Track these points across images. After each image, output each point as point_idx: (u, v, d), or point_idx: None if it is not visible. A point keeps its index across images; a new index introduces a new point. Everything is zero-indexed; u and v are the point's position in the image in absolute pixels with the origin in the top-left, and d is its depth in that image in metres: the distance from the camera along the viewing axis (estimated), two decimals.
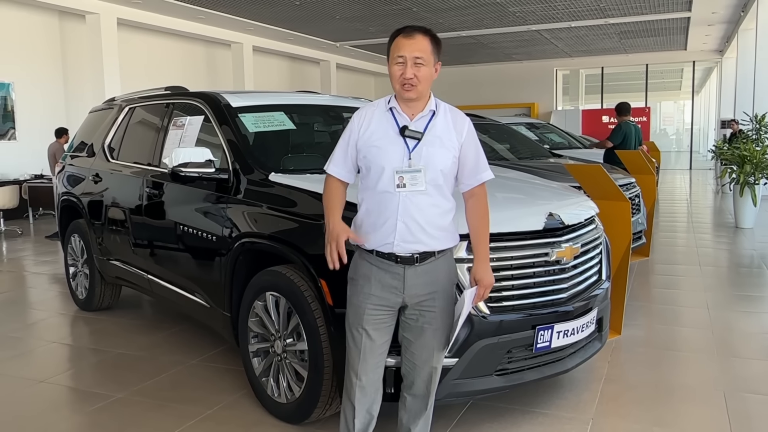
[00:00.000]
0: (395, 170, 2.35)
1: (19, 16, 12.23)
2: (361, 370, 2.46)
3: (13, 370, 4.10)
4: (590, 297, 3.24)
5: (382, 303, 2.41)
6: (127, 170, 4.72)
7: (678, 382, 3.70)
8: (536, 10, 13.99)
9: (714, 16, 14.84)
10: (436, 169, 2.38)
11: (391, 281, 2.39)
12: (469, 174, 2.48)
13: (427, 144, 2.39)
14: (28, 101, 12.52)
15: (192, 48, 16.06)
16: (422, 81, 2.37)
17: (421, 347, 2.47)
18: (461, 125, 2.49)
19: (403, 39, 2.37)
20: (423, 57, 2.36)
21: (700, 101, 30.55)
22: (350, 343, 2.48)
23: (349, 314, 2.49)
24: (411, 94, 2.37)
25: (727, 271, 6.50)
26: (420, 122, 2.42)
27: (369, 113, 2.47)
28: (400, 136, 2.39)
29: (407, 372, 2.54)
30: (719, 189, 14.19)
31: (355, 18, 14.20)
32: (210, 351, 4.29)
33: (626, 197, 4.54)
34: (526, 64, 22.11)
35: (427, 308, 2.43)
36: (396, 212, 2.35)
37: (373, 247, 2.40)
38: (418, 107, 2.43)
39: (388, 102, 2.46)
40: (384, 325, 2.44)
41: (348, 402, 2.53)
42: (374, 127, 2.42)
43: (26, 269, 7.56)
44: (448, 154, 2.42)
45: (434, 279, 2.43)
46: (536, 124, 11.75)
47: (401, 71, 2.36)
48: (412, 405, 2.58)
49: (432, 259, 2.41)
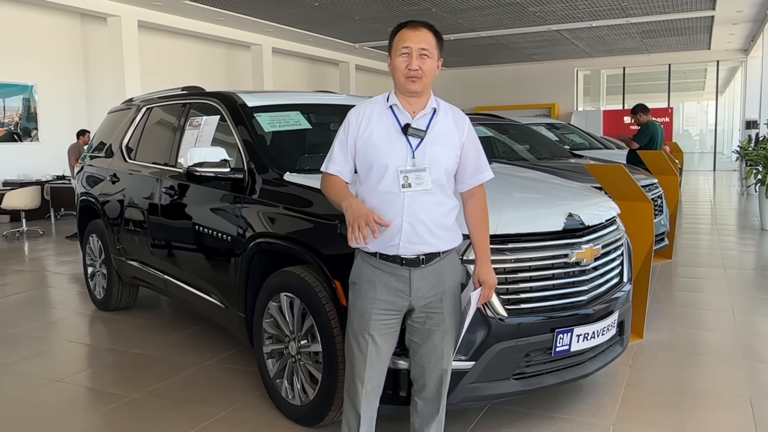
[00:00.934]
0: (399, 169, 2.28)
1: (42, 19, 12.39)
2: (366, 377, 2.39)
3: (30, 369, 4.12)
4: (611, 299, 3.16)
5: (389, 307, 2.35)
6: (144, 170, 4.72)
7: (702, 387, 3.61)
8: (557, 10, 13.86)
9: (739, 14, 14.58)
10: (440, 168, 2.32)
11: (396, 284, 2.33)
12: (471, 173, 2.43)
13: (431, 143, 2.32)
14: (50, 103, 12.69)
15: (211, 50, 16.17)
16: (427, 74, 2.31)
17: (429, 350, 2.41)
18: (462, 123, 2.43)
19: (408, 31, 2.33)
20: (428, 49, 2.31)
21: (724, 101, 30.09)
22: (355, 350, 2.40)
23: (353, 320, 2.41)
24: (416, 87, 2.31)
25: (753, 274, 6.35)
26: (422, 120, 2.35)
27: (367, 111, 2.39)
28: (402, 134, 2.32)
29: (417, 376, 2.48)
30: (744, 190, 13.94)
31: (374, 19, 14.17)
32: (225, 352, 4.27)
33: (648, 198, 4.45)
34: (547, 64, 21.94)
35: (434, 310, 2.37)
36: (401, 213, 2.28)
37: (377, 250, 2.32)
38: (420, 104, 2.36)
39: (387, 99, 2.39)
40: (390, 330, 2.38)
41: (352, 410, 2.46)
42: (374, 126, 2.35)
43: (47, 269, 7.63)
44: (451, 152, 2.36)
45: (440, 280, 2.37)
46: (556, 125, 11.63)
47: (406, 62, 2.30)
48: (423, 409, 2.52)
49: (437, 260, 2.35)
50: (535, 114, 19.16)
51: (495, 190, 3.53)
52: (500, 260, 2.81)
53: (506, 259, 2.83)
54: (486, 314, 2.74)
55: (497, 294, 2.78)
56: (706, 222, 10.07)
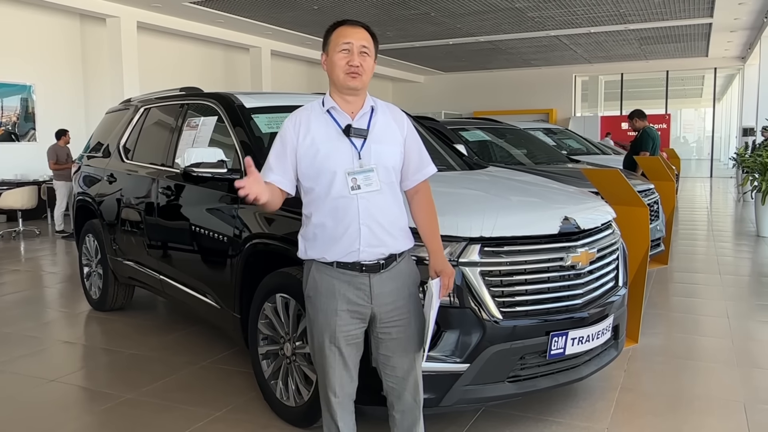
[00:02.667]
0: (347, 172, 2.23)
1: (41, 19, 12.39)
2: (338, 387, 2.36)
3: (25, 368, 4.11)
4: (606, 303, 3.17)
5: (352, 317, 2.30)
6: (141, 171, 4.72)
7: (697, 392, 3.61)
8: (555, 16, 13.89)
9: (736, 22, 14.64)
10: (387, 166, 2.30)
11: (356, 293, 2.28)
12: (415, 169, 2.41)
13: (375, 141, 2.30)
14: (48, 103, 12.67)
15: (210, 52, 16.17)
16: (366, 71, 2.29)
17: (401, 358, 2.36)
18: (401, 120, 2.41)
19: (348, 28, 2.30)
20: (368, 48, 2.29)
21: (721, 109, 30.18)
22: (323, 362, 2.35)
23: (315, 334, 2.36)
24: (357, 83, 2.27)
25: (749, 280, 6.36)
26: (362, 120, 2.32)
27: (304, 118, 2.33)
28: (344, 136, 2.28)
29: (390, 389, 2.41)
30: (740, 197, 13.97)
31: (373, 22, 14.15)
32: (221, 353, 4.27)
33: (644, 203, 4.46)
34: (545, 69, 21.98)
35: (398, 317, 2.33)
36: (357, 217, 2.23)
37: (336, 259, 2.27)
38: (358, 104, 2.33)
39: (323, 104, 2.35)
40: (356, 340, 2.34)
41: (330, 420, 2.43)
42: (314, 132, 2.29)
43: (43, 269, 7.61)
44: (396, 149, 2.35)
45: (400, 285, 2.34)
46: (554, 130, 11.65)
47: (347, 58, 2.26)
48: (402, 421, 2.46)
49: (394, 264, 2.32)
50: (533, 119, 19.18)
51: (492, 193, 3.56)
52: (496, 263, 2.82)
53: (502, 262, 2.83)
54: (481, 317, 2.75)
55: (492, 297, 2.78)
56: (703, 228, 10.09)
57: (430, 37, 16.11)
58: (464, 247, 2.78)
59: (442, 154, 4.41)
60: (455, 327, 2.74)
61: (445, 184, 3.50)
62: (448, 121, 8.89)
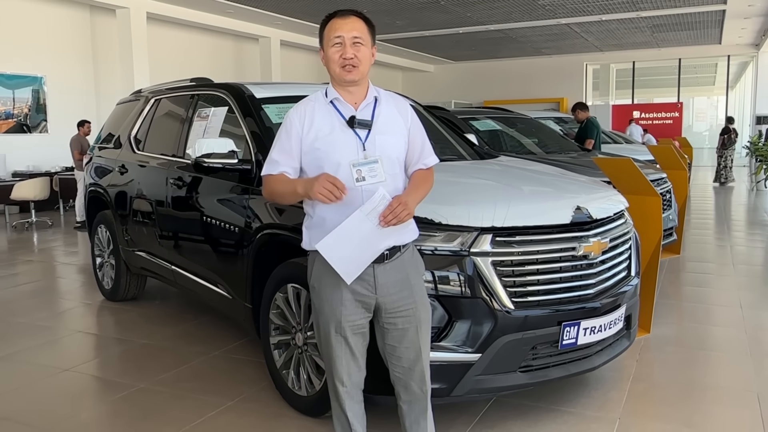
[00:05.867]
0: (351, 163, 2.22)
1: (51, 11, 12.43)
2: (345, 376, 2.37)
3: (39, 358, 4.15)
4: (618, 293, 3.15)
5: (357, 306, 2.31)
6: (153, 161, 4.73)
7: (709, 382, 3.59)
8: (566, 3, 13.77)
9: (750, 8, 14.45)
10: (392, 157, 2.29)
11: (361, 283, 2.27)
12: (416, 160, 2.38)
13: (379, 132, 2.28)
14: (59, 94, 12.73)
15: (220, 42, 16.17)
16: (362, 61, 2.27)
17: (407, 348, 2.36)
18: (404, 110, 2.39)
19: (338, 20, 2.27)
20: (361, 37, 2.26)
21: (734, 97, 29.86)
22: (329, 352, 2.36)
23: (321, 324, 2.37)
24: (352, 76, 2.26)
25: (762, 270, 6.31)
26: (365, 111, 2.30)
27: (308, 109, 2.32)
28: (348, 127, 2.26)
29: (397, 379, 2.42)
30: (754, 186, 13.84)
31: (383, 11, 14.13)
32: (232, 343, 4.29)
33: (657, 192, 4.43)
34: (556, 58, 21.82)
35: (404, 307, 2.33)
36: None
37: None
38: (360, 94, 2.32)
39: (326, 95, 2.33)
40: (362, 329, 2.35)
41: (339, 410, 2.44)
42: (318, 123, 2.28)
43: (56, 260, 7.68)
44: (400, 140, 2.33)
45: (404, 276, 2.33)
46: (565, 119, 11.58)
47: (340, 52, 2.25)
48: (410, 411, 2.46)
49: (398, 255, 2.31)
50: (543, 108, 19.06)
51: (503, 182, 3.54)
52: (507, 253, 2.81)
53: (513, 252, 2.82)
54: (493, 307, 2.74)
55: (504, 287, 2.77)
56: (715, 217, 10.01)
57: (440, 25, 16.02)
58: (476, 236, 2.77)
59: (452, 144, 4.40)
60: (467, 317, 2.74)
61: (456, 174, 3.49)
62: (459, 110, 8.84)
